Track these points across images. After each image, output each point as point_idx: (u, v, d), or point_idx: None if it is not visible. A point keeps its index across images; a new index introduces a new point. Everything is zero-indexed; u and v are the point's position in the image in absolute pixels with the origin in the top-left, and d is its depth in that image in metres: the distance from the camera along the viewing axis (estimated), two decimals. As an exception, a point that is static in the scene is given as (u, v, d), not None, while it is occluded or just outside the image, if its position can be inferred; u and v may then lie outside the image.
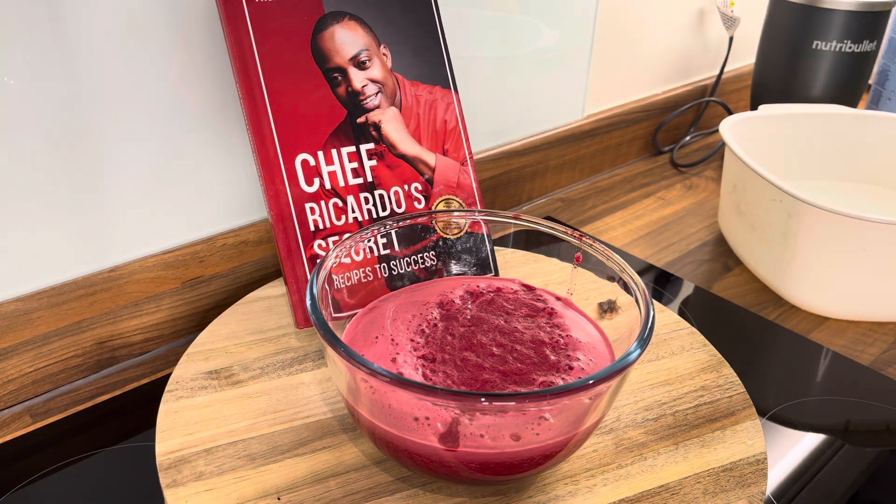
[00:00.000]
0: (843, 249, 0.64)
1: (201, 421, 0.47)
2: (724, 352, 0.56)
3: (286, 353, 0.53)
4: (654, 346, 0.56)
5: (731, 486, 0.44)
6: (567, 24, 0.82)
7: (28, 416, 0.54)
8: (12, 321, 0.52)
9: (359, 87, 0.56)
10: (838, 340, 0.65)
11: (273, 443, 0.46)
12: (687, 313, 0.67)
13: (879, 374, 0.61)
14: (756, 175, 0.67)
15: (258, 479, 0.43)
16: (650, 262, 0.75)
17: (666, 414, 0.50)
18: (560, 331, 0.46)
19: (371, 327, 0.47)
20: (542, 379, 0.42)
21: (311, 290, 0.42)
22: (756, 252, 0.72)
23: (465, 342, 0.44)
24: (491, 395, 0.37)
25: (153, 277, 0.58)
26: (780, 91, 0.93)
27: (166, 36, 0.54)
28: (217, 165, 0.60)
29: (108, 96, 0.53)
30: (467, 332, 0.45)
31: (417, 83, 0.59)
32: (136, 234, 0.58)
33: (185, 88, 0.56)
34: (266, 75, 0.53)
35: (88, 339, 0.57)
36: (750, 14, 0.99)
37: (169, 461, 0.44)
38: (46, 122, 0.51)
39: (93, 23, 0.50)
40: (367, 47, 0.57)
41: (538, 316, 0.47)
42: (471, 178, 0.60)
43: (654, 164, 0.97)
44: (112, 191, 0.55)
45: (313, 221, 0.55)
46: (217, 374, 0.51)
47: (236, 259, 0.63)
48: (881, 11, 0.87)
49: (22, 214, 0.52)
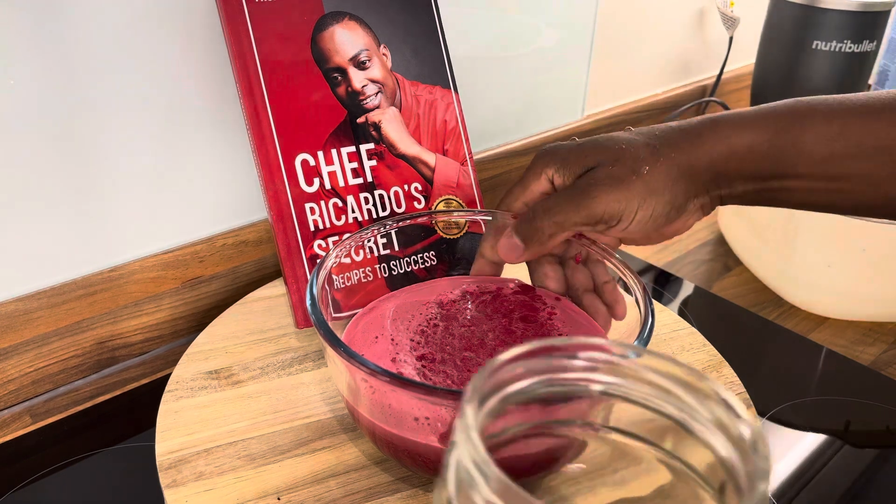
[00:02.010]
0: (843, 250, 0.64)
1: (201, 421, 0.47)
2: (724, 352, 0.56)
3: (286, 353, 0.53)
4: (654, 347, 0.56)
5: (731, 487, 0.44)
6: (567, 24, 0.82)
7: (28, 416, 0.54)
8: (12, 321, 0.52)
9: (359, 87, 0.56)
10: (838, 340, 0.65)
11: (273, 443, 0.46)
12: (687, 313, 0.67)
13: (879, 375, 0.61)
14: (756, 175, 0.67)
15: (258, 479, 0.43)
16: (650, 262, 0.75)
17: (666, 414, 0.50)
18: (559, 332, 0.46)
19: (371, 327, 0.47)
20: None
21: (310, 290, 0.42)
22: (756, 252, 0.72)
23: (464, 342, 0.44)
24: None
25: (153, 277, 0.58)
26: (781, 91, 0.93)
27: (166, 36, 0.54)
28: (217, 165, 0.60)
29: (109, 96, 0.53)
30: (467, 332, 0.45)
31: (417, 83, 0.59)
32: (136, 234, 0.58)
33: (184, 88, 0.56)
34: (266, 75, 0.53)
35: (88, 339, 0.57)
36: (750, 14, 0.99)
37: (169, 461, 0.44)
38: (46, 122, 0.51)
39: (93, 23, 0.50)
40: (366, 47, 0.56)
41: (537, 316, 0.47)
42: (471, 178, 0.60)
43: (654, 164, 0.97)
44: (112, 191, 0.55)
45: (313, 221, 0.55)
46: (217, 374, 0.51)
47: (236, 259, 0.63)
48: (881, 11, 0.87)
49: (22, 214, 0.52)
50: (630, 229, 0.44)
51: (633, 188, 0.43)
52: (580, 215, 0.44)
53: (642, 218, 0.44)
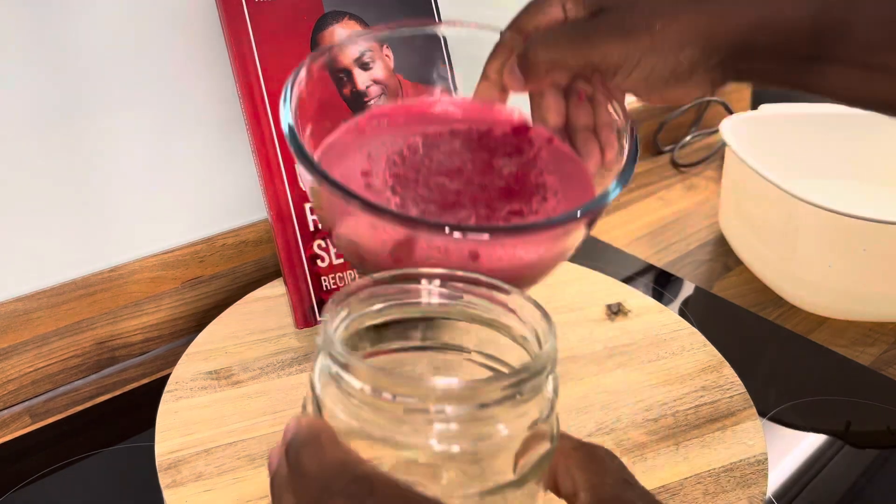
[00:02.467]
0: (844, 249, 0.64)
1: (201, 421, 0.47)
2: (725, 352, 0.56)
3: (286, 354, 0.53)
4: (654, 347, 0.56)
5: (732, 487, 0.44)
6: (567, 24, 0.82)
7: (28, 416, 0.54)
8: (12, 321, 0.52)
9: (363, 87, 0.56)
10: (838, 341, 0.65)
11: (273, 443, 0.46)
12: (687, 313, 0.67)
13: (880, 375, 0.61)
14: (757, 175, 0.67)
15: (258, 480, 0.43)
16: (650, 262, 0.75)
17: (666, 414, 0.50)
18: (540, 171, 0.45)
19: (348, 147, 0.45)
20: (514, 207, 0.41)
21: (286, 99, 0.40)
22: (757, 252, 0.72)
23: (442, 169, 0.43)
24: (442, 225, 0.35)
25: (153, 277, 0.58)
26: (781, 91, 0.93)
27: (166, 36, 0.54)
28: (217, 165, 0.60)
29: (108, 97, 0.53)
30: (446, 161, 0.44)
31: (418, 84, 0.59)
32: (135, 234, 0.57)
33: (184, 88, 0.56)
34: (266, 75, 0.53)
35: (88, 339, 0.56)
36: (750, 14, 0.99)
37: (168, 461, 0.44)
38: (46, 122, 0.51)
39: (93, 24, 0.50)
40: (370, 48, 0.56)
41: (522, 155, 0.46)
42: (471, 178, 0.60)
43: (654, 164, 0.97)
44: (112, 191, 0.55)
45: (313, 221, 0.55)
46: (217, 375, 0.51)
47: (236, 259, 0.63)
48: (882, 11, 0.87)
49: (22, 215, 0.52)
50: (625, 85, 0.42)
51: (637, 43, 0.40)
52: (576, 60, 0.41)
53: (638, 76, 0.41)
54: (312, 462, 0.25)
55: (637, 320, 0.59)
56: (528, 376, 0.27)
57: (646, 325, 0.58)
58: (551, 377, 0.29)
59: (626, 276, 0.71)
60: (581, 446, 0.31)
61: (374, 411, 0.26)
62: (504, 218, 0.40)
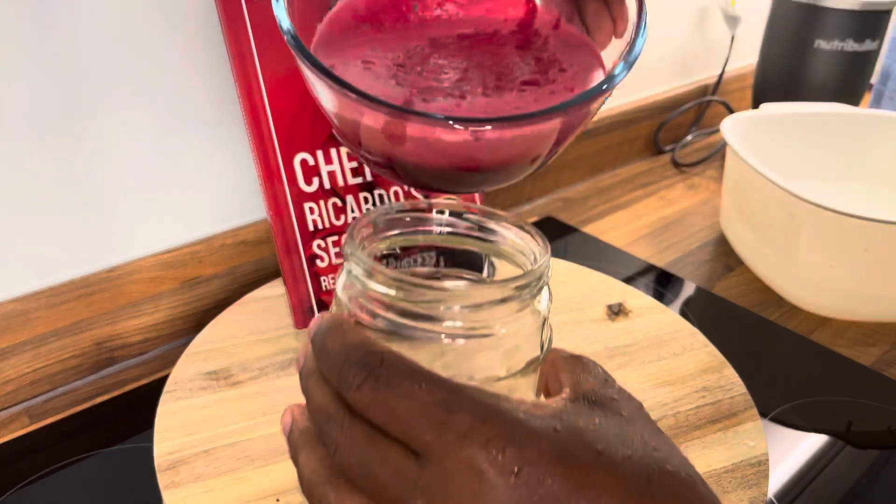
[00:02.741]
0: (845, 249, 0.63)
1: (200, 422, 0.47)
2: (726, 352, 0.55)
3: (285, 354, 0.53)
4: (655, 347, 0.56)
5: (733, 488, 0.44)
6: (568, 24, 0.81)
7: (26, 416, 0.54)
8: (10, 321, 0.52)
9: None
10: (840, 341, 0.65)
11: (272, 444, 0.46)
12: (688, 314, 0.67)
13: (881, 375, 0.60)
14: (758, 175, 0.67)
15: (257, 481, 0.43)
16: (651, 262, 0.75)
17: (667, 415, 0.50)
18: (550, 53, 0.44)
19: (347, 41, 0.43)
20: (528, 78, 0.40)
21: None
22: (758, 252, 0.72)
23: (448, 57, 0.42)
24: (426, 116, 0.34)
25: (152, 278, 0.58)
26: (782, 90, 0.93)
27: (165, 36, 0.54)
28: (216, 165, 0.60)
29: (107, 96, 0.53)
30: (453, 51, 0.43)
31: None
32: (134, 234, 0.57)
33: (183, 88, 0.56)
34: (265, 75, 0.53)
35: (87, 339, 0.56)
36: (752, 13, 0.99)
37: (167, 462, 0.44)
38: (45, 122, 0.50)
39: (92, 22, 0.50)
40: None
41: (531, 45, 0.45)
42: (471, 178, 0.60)
43: (655, 164, 0.97)
44: (111, 191, 0.55)
45: (312, 221, 0.55)
46: (216, 375, 0.51)
47: (235, 259, 0.62)
48: (884, 11, 0.86)
49: (21, 214, 0.52)
50: None
51: None
52: None
53: None
54: (335, 343, 0.28)
55: (638, 320, 0.59)
56: (524, 283, 0.30)
57: (647, 326, 0.58)
58: (546, 289, 0.32)
59: (626, 276, 0.71)
60: (570, 356, 0.34)
61: (389, 310, 0.30)
62: (518, 88, 0.40)
